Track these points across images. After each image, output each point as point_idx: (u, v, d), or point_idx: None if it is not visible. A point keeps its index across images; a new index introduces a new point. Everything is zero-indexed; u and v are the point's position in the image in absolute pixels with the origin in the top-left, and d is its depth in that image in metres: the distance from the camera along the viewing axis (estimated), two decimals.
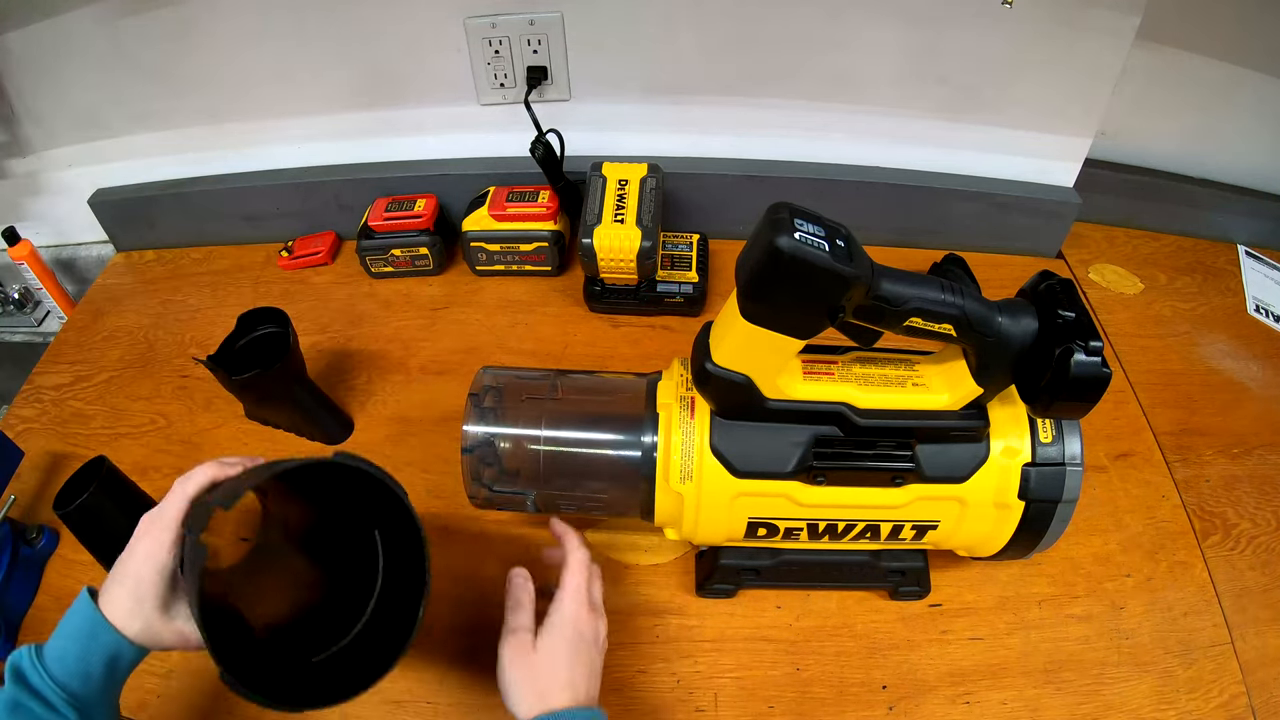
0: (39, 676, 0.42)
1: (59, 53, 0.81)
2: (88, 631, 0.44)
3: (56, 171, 0.93)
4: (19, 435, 0.76)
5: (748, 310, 0.45)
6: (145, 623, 0.44)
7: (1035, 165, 0.89)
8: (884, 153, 0.89)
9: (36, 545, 0.66)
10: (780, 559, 0.60)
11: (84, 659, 0.43)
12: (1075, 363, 0.43)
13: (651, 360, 0.80)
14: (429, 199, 0.88)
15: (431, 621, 0.61)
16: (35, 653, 0.43)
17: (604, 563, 0.65)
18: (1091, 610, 0.63)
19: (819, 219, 0.43)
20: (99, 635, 0.44)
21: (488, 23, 0.80)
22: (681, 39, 0.81)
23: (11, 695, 0.42)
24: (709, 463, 0.52)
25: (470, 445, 0.56)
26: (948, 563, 0.64)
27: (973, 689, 0.58)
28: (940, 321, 0.45)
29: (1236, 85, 0.88)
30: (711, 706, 0.57)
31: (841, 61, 0.81)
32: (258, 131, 0.90)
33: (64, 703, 0.42)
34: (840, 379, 0.52)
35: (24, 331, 1.00)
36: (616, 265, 0.80)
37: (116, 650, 0.44)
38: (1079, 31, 0.76)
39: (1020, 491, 0.51)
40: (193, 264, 0.95)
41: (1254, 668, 0.60)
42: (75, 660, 0.43)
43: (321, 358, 0.81)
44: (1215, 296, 0.91)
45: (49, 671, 0.42)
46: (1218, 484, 0.72)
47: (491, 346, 0.83)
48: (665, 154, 0.89)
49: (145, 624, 0.44)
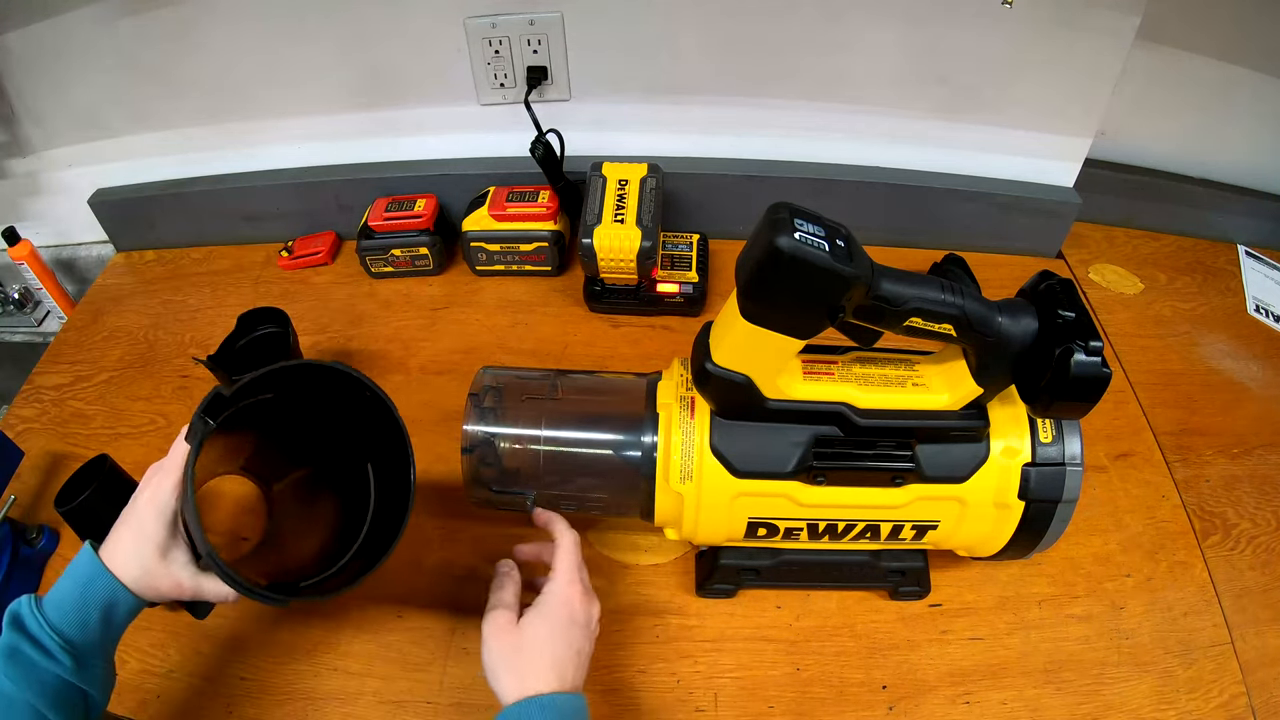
0: (36, 622, 0.43)
1: (59, 53, 0.81)
2: (86, 578, 0.45)
3: (56, 171, 0.93)
4: (19, 435, 0.76)
5: (748, 310, 0.45)
6: (143, 568, 0.45)
7: (1035, 165, 0.89)
8: (884, 153, 0.89)
9: (36, 545, 0.66)
10: (780, 559, 0.60)
11: (81, 606, 0.44)
12: (1075, 363, 0.43)
13: (651, 360, 0.80)
14: (429, 199, 0.88)
15: (432, 622, 0.62)
16: (34, 601, 0.44)
17: (604, 563, 0.65)
18: (1091, 610, 0.63)
19: (819, 219, 0.43)
20: (96, 581, 0.45)
21: (488, 23, 0.80)
22: (682, 39, 0.81)
23: (8, 641, 0.42)
24: (709, 463, 0.52)
25: (470, 445, 0.56)
26: (948, 563, 0.64)
27: (973, 689, 0.58)
28: (940, 321, 0.45)
29: (1236, 85, 0.88)
30: (711, 706, 0.57)
31: (842, 61, 0.81)
32: (258, 131, 0.90)
33: (60, 649, 0.42)
34: (840, 379, 0.52)
35: (24, 331, 1.00)
36: (616, 265, 0.80)
37: (113, 597, 0.45)
38: (1079, 31, 0.76)
39: (1020, 491, 0.51)
40: (193, 264, 0.95)
41: (1254, 668, 0.60)
42: (72, 607, 0.44)
43: (321, 358, 0.81)
44: (1215, 296, 0.91)
45: (46, 618, 0.43)
46: (1218, 484, 0.72)
47: (491, 346, 0.83)
48: (665, 154, 0.89)
49: (143, 569, 0.45)
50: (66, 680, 0.43)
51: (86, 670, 0.44)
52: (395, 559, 0.66)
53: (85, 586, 0.45)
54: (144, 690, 0.58)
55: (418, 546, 0.66)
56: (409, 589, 0.64)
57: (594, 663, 0.59)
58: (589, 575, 0.52)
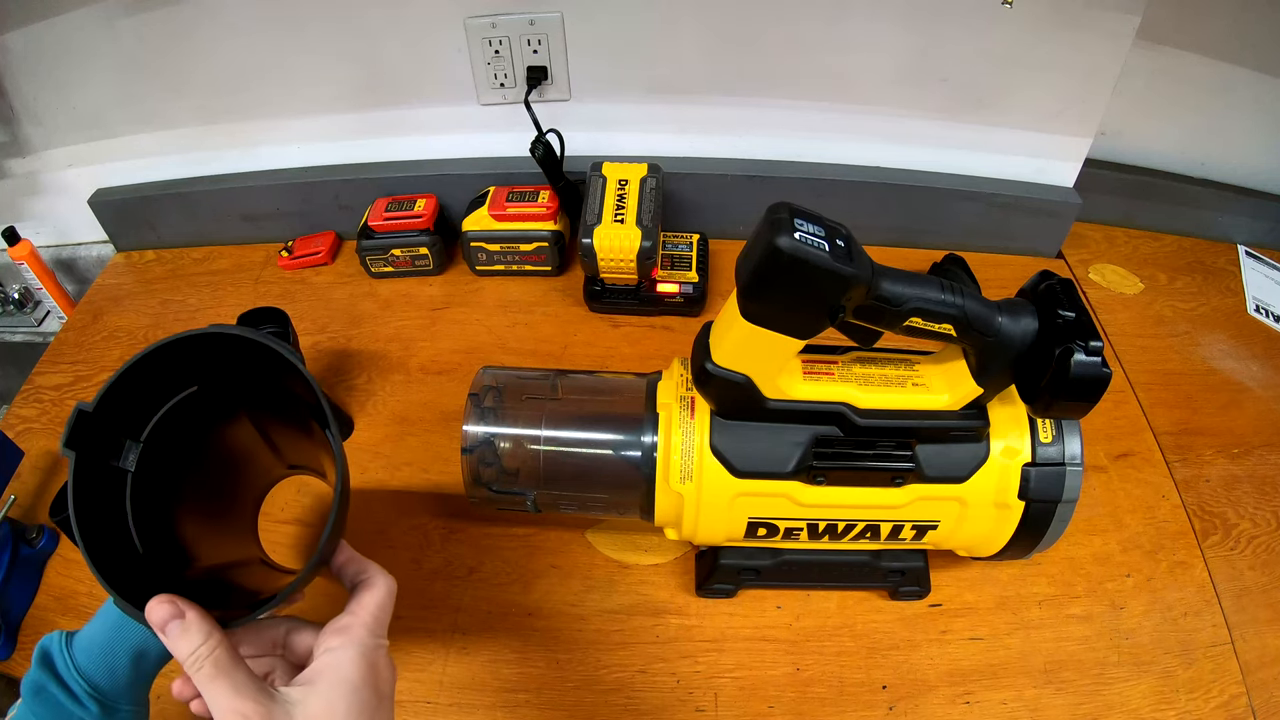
0: (65, 664, 0.41)
1: (59, 53, 0.81)
2: (115, 622, 0.43)
3: (56, 171, 0.93)
4: (19, 435, 0.76)
5: (748, 310, 0.45)
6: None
7: (1035, 165, 0.89)
8: (884, 153, 0.89)
9: (36, 545, 0.66)
10: (780, 559, 0.60)
11: (110, 651, 0.42)
12: (1075, 363, 0.43)
13: (651, 360, 0.80)
14: (429, 199, 0.88)
15: (432, 622, 0.62)
16: (65, 639, 0.42)
17: (604, 563, 0.65)
18: (1091, 610, 0.63)
19: (819, 219, 0.43)
20: (125, 627, 0.43)
21: (488, 23, 0.80)
22: (682, 39, 0.81)
23: (36, 679, 0.41)
24: (709, 463, 0.52)
25: (470, 445, 0.56)
26: (948, 563, 0.64)
27: (973, 689, 0.58)
28: (940, 321, 0.45)
29: (1236, 85, 0.88)
30: (711, 706, 0.57)
31: (842, 61, 0.81)
32: (258, 131, 0.90)
33: (87, 695, 0.41)
34: (840, 379, 0.52)
35: (24, 331, 1.00)
36: (616, 265, 0.80)
37: (143, 644, 0.43)
38: (1079, 32, 0.76)
39: (1020, 491, 0.51)
40: (193, 264, 0.95)
41: (1254, 668, 0.60)
42: (101, 651, 0.42)
43: (321, 358, 0.82)
44: (1215, 296, 0.91)
45: (75, 661, 0.42)
46: (1218, 484, 0.72)
47: (491, 346, 0.83)
48: (665, 154, 0.89)
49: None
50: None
51: (114, 717, 0.42)
52: (395, 559, 0.66)
53: (115, 631, 0.43)
54: None
55: (418, 546, 0.66)
56: (409, 589, 0.64)
57: (594, 663, 0.60)
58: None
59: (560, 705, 0.58)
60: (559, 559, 0.66)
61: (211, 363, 0.43)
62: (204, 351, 0.42)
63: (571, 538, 0.67)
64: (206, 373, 0.44)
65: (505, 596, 0.63)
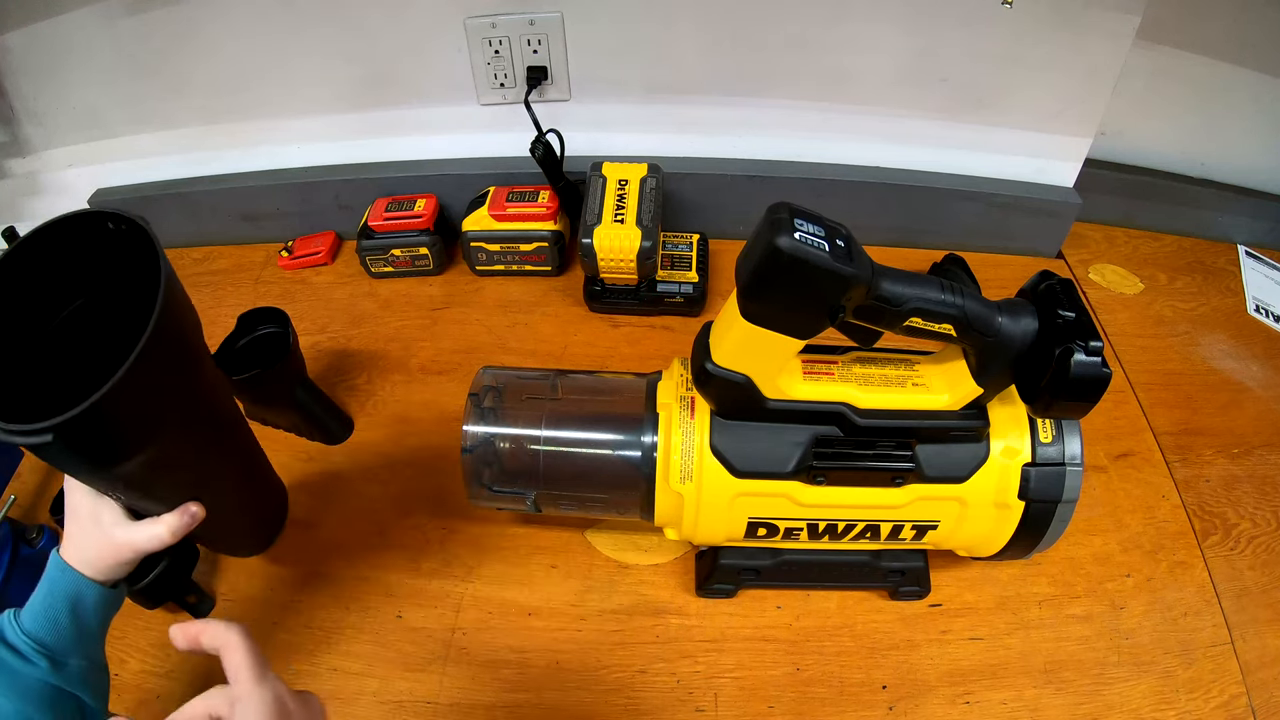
0: (12, 629, 0.44)
1: (59, 53, 0.81)
2: (50, 578, 0.46)
3: (56, 171, 0.93)
4: None
5: (748, 310, 0.45)
6: (86, 545, 0.47)
7: (1035, 165, 0.89)
8: (884, 153, 0.89)
9: (36, 545, 0.66)
10: (780, 559, 0.60)
11: (49, 605, 0.45)
12: (1075, 363, 0.43)
13: (651, 360, 0.80)
14: (429, 199, 0.88)
15: (432, 622, 0.62)
16: (14, 613, 0.45)
17: (604, 563, 0.65)
18: (1091, 610, 0.63)
19: (819, 219, 0.43)
20: (57, 578, 0.46)
21: (488, 23, 0.80)
22: (682, 39, 0.81)
23: None
24: (709, 463, 0.52)
25: (470, 445, 0.56)
26: (948, 563, 0.64)
27: (973, 689, 0.58)
28: (940, 321, 0.45)
29: (1236, 85, 0.88)
30: (711, 706, 0.57)
31: (842, 61, 0.81)
32: (257, 131, 0.90)
33: (34, 651, 0.43)
34: (840, 379, 0.52)
35: None
36: (616, 265, 0.80)
37: (76, 590, 0.46)
38: (1079, 32, 0.76)
39: (1020, 491, 0.51)
40: (193, 264, 0.95)
41: (1254, 668, 0.60)
42: (42, 608, 0.45)
43: (321, 358, 0.81)
44: (1215, 296, 0.91)
45: (21, 625, 0.44)
46: (1218, 484, 0.72)
47: (491, 346, 0.83)
48: (665, 154, 0.89)
49: (87, 546, 0.47)
50: (50, 684, 0.43)
51: (64, 671, 0.44)
52: (395, 559, 0.66)
53: (50, 586, 0.46)
54: (144, 690, 0.58)
55: (417, 546, 0.66)
56: (409, 589, 0.64)
57: (594, 663, 0.60)
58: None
59: (560, 705, 0.58)
60: (559, 559, 0.66)
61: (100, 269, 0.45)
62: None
63: (571, 537, 0.67)
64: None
65: (505, 596, 0.63)
